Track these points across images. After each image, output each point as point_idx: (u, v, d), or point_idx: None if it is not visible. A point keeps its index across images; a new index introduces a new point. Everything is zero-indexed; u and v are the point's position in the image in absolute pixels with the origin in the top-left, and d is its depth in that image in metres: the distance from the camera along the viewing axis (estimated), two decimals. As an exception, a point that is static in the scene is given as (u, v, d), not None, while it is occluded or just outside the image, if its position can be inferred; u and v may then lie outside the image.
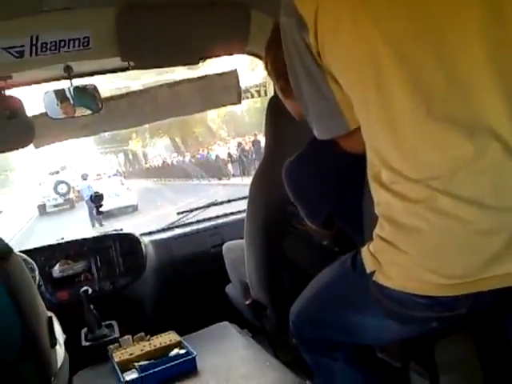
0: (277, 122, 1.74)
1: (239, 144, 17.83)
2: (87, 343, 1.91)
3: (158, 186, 20.79)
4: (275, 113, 1.73)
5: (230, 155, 17.65)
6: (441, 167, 0.80)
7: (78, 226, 13.78)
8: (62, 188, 18.92)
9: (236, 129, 22.89)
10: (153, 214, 13.91)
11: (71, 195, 19.23)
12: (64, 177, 19.62)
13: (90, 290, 1.96)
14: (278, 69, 1.32)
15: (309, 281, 1.58)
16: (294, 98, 1.31)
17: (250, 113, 21.60)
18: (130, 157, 27.34)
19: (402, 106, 0.81)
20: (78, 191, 18.10)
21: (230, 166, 17.62)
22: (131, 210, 15.03)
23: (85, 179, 15.58)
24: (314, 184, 1.28)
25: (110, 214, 13.63)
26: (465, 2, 0.80)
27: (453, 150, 0.79)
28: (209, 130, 23.66)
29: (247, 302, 1.88)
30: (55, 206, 19.16)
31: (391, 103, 0.82)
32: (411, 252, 0.83)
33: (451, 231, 0.80)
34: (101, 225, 14.03)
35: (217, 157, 18.51)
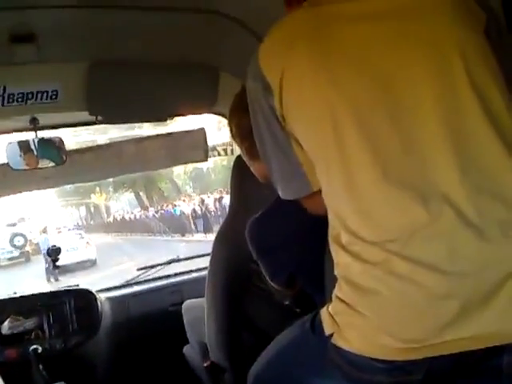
0: (242, 181, 1.76)
1: (203, 201, 17.83)
2: (33, 406, 1.82)
3: (119, 241, 20.36)
4: (241, 171, 1.76)
5: (194, 211, 17.57)
6: (396, 230, 0.82)
7: (33, 281, 13.27)
8: (19, 240, 18.32)
9: (202, 186, 22.93)
10: (112, 270, 13.55)
11: (27, 248, 18.64)
12: (21, 229, 19.07)
13: (40, 349, 1.88)
14: (243, 132, 1.35)
15: (270, 342, 1.56)
16: (259, 159, 1.36)
17: (216, 170, 21.76)
18: (92, 210, 26.90)
19: (360, 169, 0.84)
20: (36, 244, 17.57)
21: (193, 222, 17.51)
22: (89, 264, 14.62)
23: (44, 232, 15.18)
24: (278, 243, 1.29)
25: (67, 269, 13.21)
26: (420, 71, 0.85)
27: (407, 214, 0.82)
28: (174, 186, 23.63)
29: (205, 365, 1.83)
30: (9, 259, 18.49)
31: (350, 166, 0.85)
32: (369, 315, 0.84)
33: (408, 295, 0.81)
34: (56, 279, 13.62)
35: (181, 212, 18.39)
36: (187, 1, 1.80)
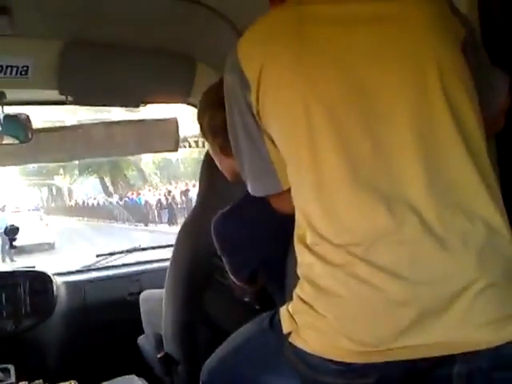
0: (212, 176, 1.75)
1: (169, 191, 17.70)
2: (-23, 387, 1.76)
3: (79, 226, 20.03)
4: (211, 166, 1.74)
5: (159, 202, 17.42)
6: (361, 234, 0.83)
7: (-14, 260, 12.94)
8: (-26, 217, 17.83)
9: (169, 176, 22.74)
10: (70, 254, 13.32)
11: (-17, 225, 18.15)
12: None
13: (-10, 330, 1.83)
14: (216, 126, 1.34)
15: (226, 338, 1.56)
16: (230, 155, 1.35)
17: (185, 162, 21.61)
18: (54, 192, 26.34)
19: (330, 169, 0.85)
20: (-9, 222, 17.09)
21: (158, 212, 17.36)
22: (47, 247, 14.33)
23: (2, 210, 14.79)
24: (242, 239, 1.29)
25: (24, 250, 12.92)
26: (396, 80, 0.86)
27: (373, 219, 0.83)
28: (141, 174, 23.35)
29: (159, 356, 1.82)
30: (-38, 235, 17.95)
31: (320, 166, 0.86)
32: (328, 316, 0.84)
33: (367, 299, 0.82)
34: (12, 260, 13.28)
35: (146, 202, 18.21)
36: None
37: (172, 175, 22.65)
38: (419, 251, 0.81)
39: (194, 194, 15.99)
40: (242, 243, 1.29)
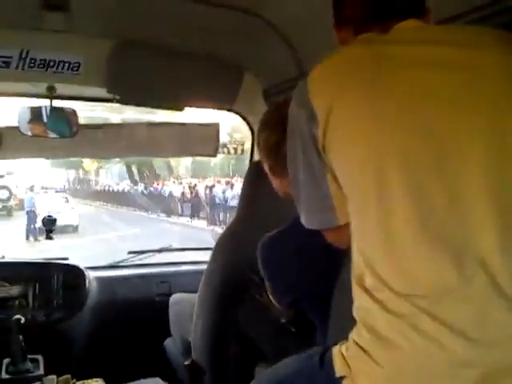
0: (254, 190, 1.75)
1: (194, 185, 17.77)
2: (7, 376, 1.79)
3: (103, 211, 20.28)
4: (255, 180, 1.75)
5: (183, 194, 17.51)
6: (428, 287, 0.81)
7: (12, 237, 13.19)
8: (3, 194, 18.16)
9: (195, 170, 22.84)
10: (92, 238, 13.50)
11: (11, 202, 18.47)
12: (8, 182, 18.89)
13: (23, 319, 1.85)
14: (269, 146, 1.35)
15: (256, 356, 1.56)
16: (280, 177, 1.35)
17: (212, 158, 21.67)
18: (81, 176, 26.69)
19: (400, 216, 0.83)
20: (20, 200, 17.41)
21: (181, 205, 17.46)
22: (71, 230, 14.52)
23: (31, 190, 15.06)
24: (288, 266, 1.28)
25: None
26: (474, 129, 0.83)
27: (441, 273, 0.80)
28: (167, 165, 23.50)
29: (186, 363, 1.82)
30: (-9, 209, 18.32)
31: (390, 211, 0.84)
32: (386, 367, 0.82)
33: (429, 355, 0.80)
34: (36, 239, 13.53)
35: (170, 193, 18.32)
36: None
37: (198, 169, 22.73)
38: (487, 311, 0.79)
39: (218, 190, 16.07)
40: (286, 270, 1.28)
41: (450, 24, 1.24)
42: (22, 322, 1.84)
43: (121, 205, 20.43)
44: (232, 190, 15.29)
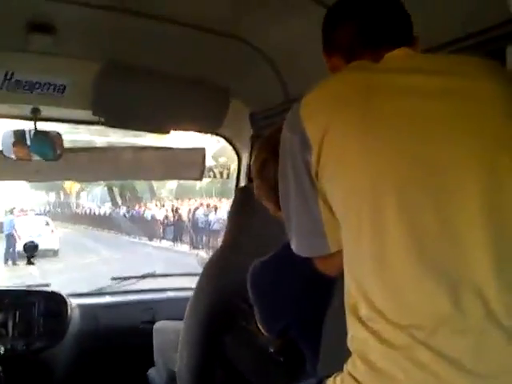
0: (243, 214, 1.74)
1: (176, 209, 17.67)
2: (-16, 409, 1.72)
3: (84, 234, 20.02)
4: (241, 206, 1.74)
5: (166, 217, 17.40)
6: (424, 318, 0.79)
7: (-11, 261, 12.96)
8: (-20, 216, 17.88)
9: (178, 192, 22.76)
10: (73, 263, 13.28)
11: (-11, 226, 18.17)
12: (-14, 205, 18.60)
13: (2, 349, 1.79)
14: (256, 167, 1.35)
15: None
16: (266, 199, 1.34)
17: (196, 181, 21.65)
18: (62, 198, 26.42)
19: (394, 245, 0.82)
20: (-2, 223, 17.13)
21: (163, 228, 17.33)
22: (51, 254, 14.29)
23: (11, 213, 14.84)
24: (278, 292, 1.26)
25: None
26: (468, 158, 0.83)
27: (436, 303, 0.79)
28: (150, 188, 23.37)
29: (171, 394, 1.77)
30: (-34, 235, 17.97)
31: (384, 241, 0.82)
32: None
33: None
34: (14, 263, 13.26)
35: (152, 216, 18.19)
36: (215, 22, 1.78)
37: (180, 191, 22.67)
38: (484, 342, 0.78)
39: (200, 213, 16.01)
40: (277, 296, 1.26)
41: (437, 53, 1.25)
42: (1, 352, 1.78)
43: (102, 228, 20.21)
44: (216, 214, 15.26)
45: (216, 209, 15.63)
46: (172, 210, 17.65)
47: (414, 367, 0.78)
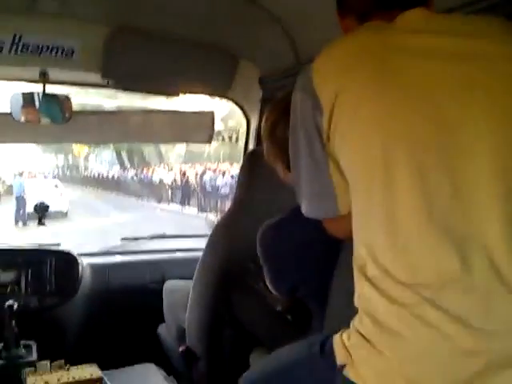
0: (252, 178, 1.75)
1: (184, 172, 17.72)
2: (0, 361, 1.78)
3: (93, 196, 20.19)
4: (252, 169, 1.75)
5: (174, 181, 17.46)
6: (432, 276, 0.81)
7: (1, 221, 13.13)
8: (-8, 179, 18.03)
9: (186, 155, 22.75)
10: (82, 224, 13.45)
11: (-1, 188, 18.34)
12: (-4, 167, 18.73)
13: (16, 305, 1.84)
14: (266, 128, 1.35)
15: (251, 342, 1.56)
16: (274, 162, 1.35)
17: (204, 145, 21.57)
18: (70, 161, 26.52)
19: (404, 205, 0.83)
20: (9, 186, 17.28)
21: (171, 192, 17.43)
22: (60, 216, 14.46)
23: (20, 175, 14.96)
24: (287, 253, 1.28)
25: (36, 216, 13.00)
26: (483, 121, 0.83)
27: (443, 261, 0.80)
28: (157, 151, 23.38)
29: (181, 349, 1.83)
30: (-23, 195, 18.14)
31: (394, 201, 0.83)
32: (389, 356, 0.83)
33: (433, 344, 0.80)
34: (24, 224, 13.44)
35: (160, 180, 18.26)
36: None
37: (189, 155, 22.67)
38: (490, 300, 0.79)
39: (207, 177, 16.04)
40: (286, 257, 1.29)
41: (455, 13, 1.23)
42: (15, 307, 1.82)
43: (111, 190, 20.35)
44: (223, 178, 15.30)
45: (224, 173, 15.67)
46: (180, 174, 17.69)
47: (421, 324, 0.80)
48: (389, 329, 0.83)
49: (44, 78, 2.07)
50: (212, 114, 2.40)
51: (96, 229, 12.05)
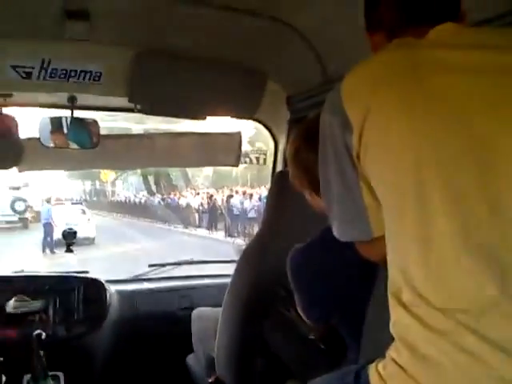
0: (281, 199, 1.75)
1: (211, 196, 17.83)
2: (29, 394, 1.80)
3: (120, 222, 20.45)
4: (280, 190, 1.74)
5: (201, 205, 17.58)
6: (469, 302, 0.79)
7: (29, 249, 13.37)
8: (20, 205, 18.41)
9: (212, 180, 22.94)
10: (110, 251, 13.61)
11: (27, 215, 18.73)
12: (24, 194, 19.17)
13: (44, 334, 1.86)
14: (290, 155, 1.36)
15: (284, 373, 1.54)
16: (307, 190, 1.34)
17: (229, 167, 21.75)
18: (98, 186, 27.01)
19: (440, 227, 0.81)
20: (36, 212, 17.65)
21: (199, 216, 17.53)
22: (87, 242, 14.65)
23: (48, 202, 15.27)
24: (319, 276, 1.27)
25: (64, 243, 13.22)
26: None
27: (482, 286, 0.79)
28: (184, 175, 23.65)
29: (210, 380, 1.81)
30: (7, 222, 18.57)
31: (429, 222, 0.82)
32: None
33: (472, 373, 0.78)
34: (52, 252, 13.68)
35: (187, 204, 18.42)
36: (252, 3, 1.78)
37: (215, 178, 22.82)
38: None
39: (236, 201, 16.10)
40: (317, 280, 1.27)
41: (487, 26, 1.22)
42: (43, 337, 1.85)
43: (138, 216, 20.57)
44: (251, 201, 15.33)
45: (251, 196, 15.70)
46: (207, 198, 17.81)
47: (459, 352, 0.78)
48: (426, 357, 0.81)
49: (72, 103, 2.13)
50: (239, 134, 2.42)
51: (123, 255, 12.18)
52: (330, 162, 0.96)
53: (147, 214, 20.12)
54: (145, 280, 2.63)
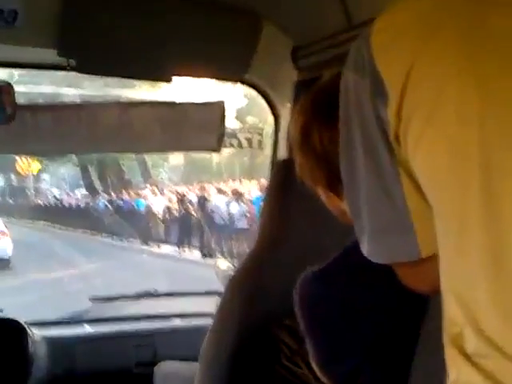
0: (285, 200, 1.77)
1: (182, 196, 17.88)
2: None
3: (48, 235, 20.51)
4: (285, 186, 1.76)
5: (168, 210, 17.65)
6: None
7: None
8: None
9: (183, 173, 23.04)
10: (33, 278, 13.65)
11: None
12: None
13: None
14: (295, 138, 1.37)
15: None
16: (321, 187, 1.35)
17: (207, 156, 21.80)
18: (15, 183, 27.04)
19: None
20: None
21: (165, 226, 17.63)
22: (1, 265, 14.73)
23: None
24: (345, 318, 1.28)
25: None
26: None
27: None
28: (142, 166, 23.70)
29: None
30: None
31: (502, 237, 0.82)
32: None
33: None
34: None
35: (148, 208, 18.48)
36: None
37: (187, 172, 22.92)
38: None
39: (220, 201, 16.19)
40: (340, 320, 1.29)
41: None
42: None
43: (74, 226, 20.62)
44: (240, 204, 15.42)
45: (241, 196, 15.78)
46: (177, 199, 17.86)
47: None
48: None
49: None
50: (221, 105, 2.42)
51: (53, 284, 12.20)
52: (355, 147, 0.97)
53: (88, 223, 20.18)
54: (85, 321, 2.64)
